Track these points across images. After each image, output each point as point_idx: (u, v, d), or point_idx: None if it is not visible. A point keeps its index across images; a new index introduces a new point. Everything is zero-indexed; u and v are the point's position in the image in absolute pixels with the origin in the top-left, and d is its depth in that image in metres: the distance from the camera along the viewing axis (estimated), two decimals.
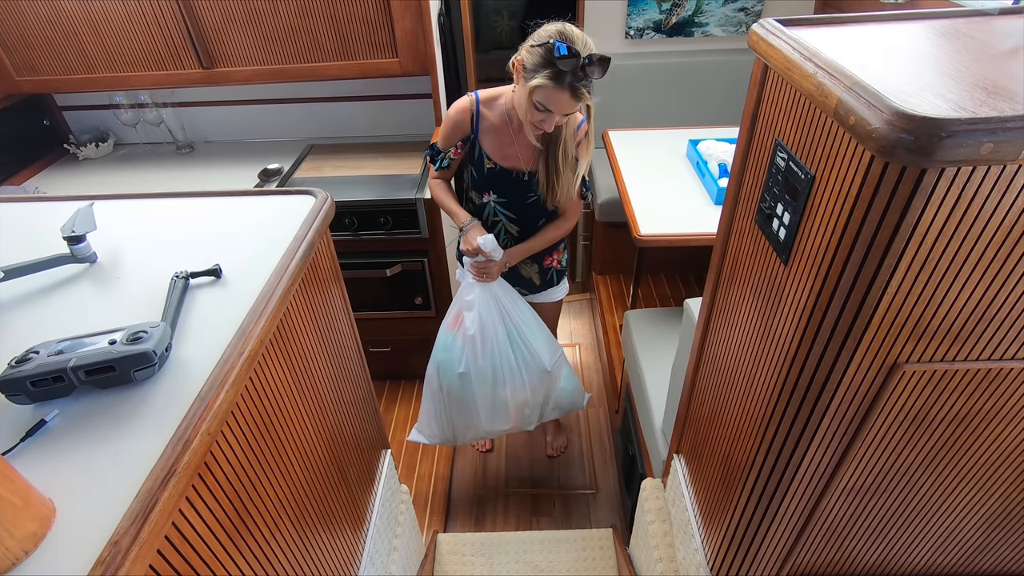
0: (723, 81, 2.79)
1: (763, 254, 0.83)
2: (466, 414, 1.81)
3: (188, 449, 0.57)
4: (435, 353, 1.77)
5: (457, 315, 1.72)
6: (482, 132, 1.53)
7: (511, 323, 1.71)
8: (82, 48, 1.98)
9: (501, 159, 1.54)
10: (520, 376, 1.76)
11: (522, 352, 1.74)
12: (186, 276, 0.79)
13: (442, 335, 1.76)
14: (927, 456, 0.83)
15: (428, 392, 1.84)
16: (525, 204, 1.59)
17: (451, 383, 1.75)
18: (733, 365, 0.97)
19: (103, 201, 0.99)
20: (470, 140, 1.56)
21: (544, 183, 1.52)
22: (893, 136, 0.52)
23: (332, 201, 1.00)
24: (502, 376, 1.74)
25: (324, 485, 0.98)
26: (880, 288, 0.62)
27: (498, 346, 1.70)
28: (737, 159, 0.90)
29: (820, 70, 0.63)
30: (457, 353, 1.71)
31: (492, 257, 1.57)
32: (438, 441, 1.94)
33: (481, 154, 1.55)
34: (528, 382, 1.78)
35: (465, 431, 1.89)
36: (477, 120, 1.53)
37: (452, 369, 1.73)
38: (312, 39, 1.94)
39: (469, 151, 1.58)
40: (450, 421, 1.86)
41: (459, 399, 1.78)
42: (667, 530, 1.39)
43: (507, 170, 1.54)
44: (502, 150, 1.54)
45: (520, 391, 1.79)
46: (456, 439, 1.93)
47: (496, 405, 1.78)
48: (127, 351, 0.62)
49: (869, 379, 0.71)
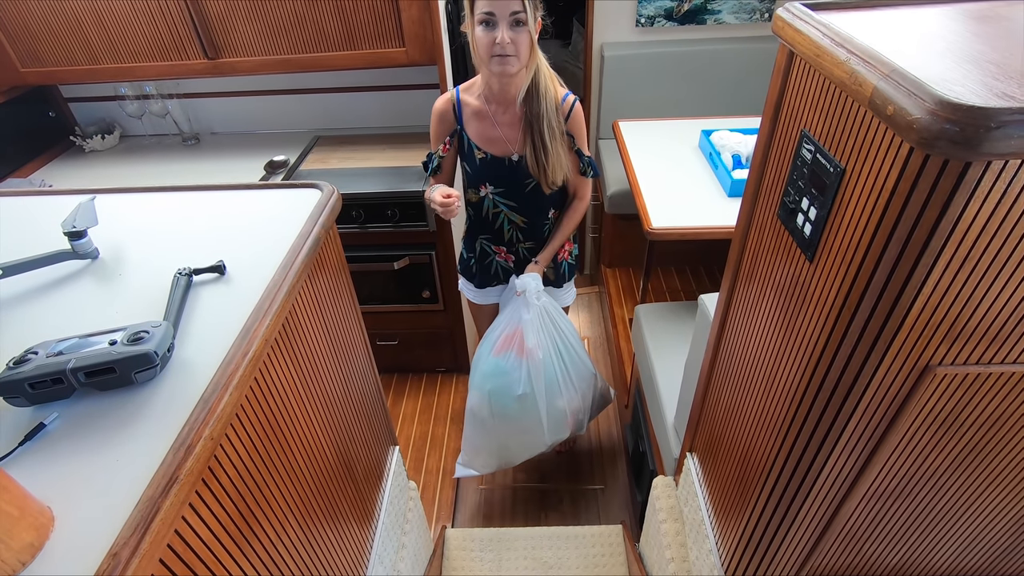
0: (736, 70, 2.73)
1: (786, 250, 0.80)
2: (525, 435, 1.76)
3: (191, 455, 0.55)
4: (481, 383, 1.70)
5: (506, 339, 1.66)
6: (466, 121, 1.51)
7: (559, 332, 1.68)
8: (86, 39, 1.96)
9: (489, 145, 1.51)
10: (572, 384, 1.73)
11: (572, 359, 1.71)
12: (189, 273, 0.77)
13: (488, 363, 1.68)
14: (955, 459, 0.80)
15: (474, 424, 1.77)
16: (524, 192, 1.56)
17: (507, 408, 1.69)
18: (752, 363, 0.94)
19: (105, 195, 0.97)
20: (457, 133, 1.53)
21: (533, 162, 1.48)
22: (936, 127, 0.48)
23: (338, 194, 0.98)
24: (559, 387, 1.70)
25: (332, 484, 0.97)
26: (915, 288, 0.58)
27: (552, 358, 1.67)
28: (758, 151, 0.87)
29: (853, 56, 0.59)
30: (515, 376, 1.65)
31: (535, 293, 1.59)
32: (490, 470, 1.89)
33: (471, 145, 1.52)
34: (579, 388, 1.75)
35: (521, 451, 1.84)
36: (459, 109, 1.51)
37: (509, 394, 1.66)
38: (318, 29, 1.91)
39: (459, 146, 1.55)
40: (503, 446, 1.80)
41: (516, 421, 1.72)
42: (679, 529, 1.37)
43: (498, 158, 1.51)
44: (487, 134, 1.50)
45: (574, 398, 1.76)
46: (511, 462, 1.88)
47: (554, 417, 1.74)
48: (128, 352, 0.60)
49: (899, 382, 0.68)
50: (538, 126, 1.44)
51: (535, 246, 1.68)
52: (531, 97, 1.43)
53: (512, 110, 1.47)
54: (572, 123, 1.50)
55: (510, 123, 1.48)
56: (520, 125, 1.47)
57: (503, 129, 1.49)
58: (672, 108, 2.77)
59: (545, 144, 1.45)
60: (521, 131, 1.48)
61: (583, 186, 1.63)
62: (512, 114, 1.47)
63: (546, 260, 1.66)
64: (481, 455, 1.84)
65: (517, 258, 1.70)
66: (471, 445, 1.83)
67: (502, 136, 1.50)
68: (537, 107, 1.43)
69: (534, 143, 1.46)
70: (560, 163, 1.49)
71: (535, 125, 1.44)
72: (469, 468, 1.89)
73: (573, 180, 1.59)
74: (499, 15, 1.27)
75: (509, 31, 1.28)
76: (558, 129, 1.47)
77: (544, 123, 1.44)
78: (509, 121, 1.48)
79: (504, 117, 1.48)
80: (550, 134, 1.45)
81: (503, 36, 1.28)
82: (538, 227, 1.64)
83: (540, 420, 1.71)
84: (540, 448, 1.82)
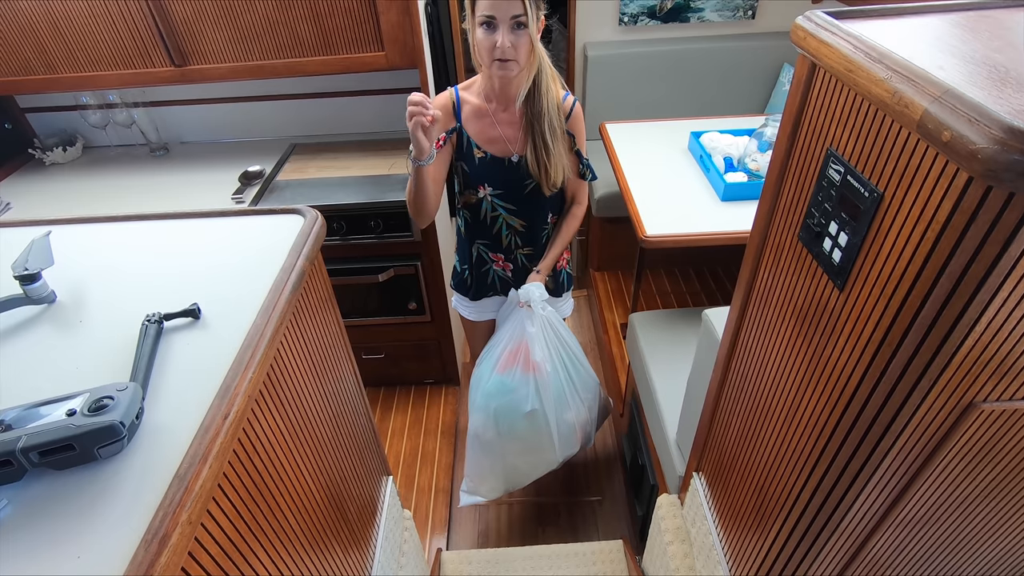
0: (721, 69, 2.70)
1: (809, 275, 0.75)
2: (534, 453, 1.69)
3: (166, 547, 0.48)
4: (485, 403, 1.61)
5: (510, 355, 1.59)
6: (465, 120, 1.45)
7: (563, 343, 1.62)
8: (41, 47, 1.84)
9: (488, 144, 1.46)
10: (578, 396, 1.66)
11: (578, 370, 1.65)
12: (159, 319, 0.69)
13: (492, 381, 1.60)
14: (988, 488, 0.76)
15: (478, 447, 1.69)
16: (523, 194, 1.50)
17: (515, 427, 1.62)
18: (769, 390, 0.89)
19: (62, 227, 0.88)
20: (456, 131, 1.46)
21: (534, 163, 1.43)
22: (1003, 158, 0.43)
23: (323, 220, 0.90)
24: (567, 401, 1.64)
25: (324, 533, 0.89)
26: (968, 325, 0.53)
27: (559, 371, 1.60)
28: (774, 166, 0.82)
29: (895, 74, 0.54)
30: (522, 393, 1.57)
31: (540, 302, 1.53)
32: (498, 495, 1.81)
33: (470, 144, 1.46)
34: (585, 400, 1.69)
35: (531, 471, 1.76)
36: (459, 108, 1.45)
37: (517, 411, 1.58)
38: (292, 33, 1.81)
39: (458, 145, 1.48)
40: (511, 467, 1.73)
41: (525, 440, 1.65)
42: (687, 551, 1.32)
43: (498, 158, 1.46)
44: (487, 133, 1.45)
45: (582, 411, 1.69)
46: (519, 484, 1.80)
47: (563, 432, 1.67)
48: (89, 424, 0.52)
49: (940, 419, 0.63)
50: (539, 126, 1.40)
51: (533, 253, 1.62)
52: (532, 97, 1.39)
53: (512, 109, 1.43)
54: (573, 123, 1.47)
55: (510, 122, 1.44)
56: (520, 124, 1.43)
57: (503, 128, 1.45)
58: (657, 108, 2.73)
59: (547, 144, 1.41)
60: (522, 131, 1.44)
61: (581, 190, 1.59)
62: (512, 113, 1.43)
63: (547, 268, 1.60)
64: (488, 480, 1.75)
65: (515, 266, 1.64)
66: (476, 471, 1.74)
67: (502, 135, 1.45)
68: (538, 106, 1.39)
69: (535, 143, 1.42)
70: (561, 163, 1.45)
71: (536, 125, 1.40)
72: (475, 495, 1.80)
73: (572, 184, 1.55)
74: (500, 18, 1.23)
75: (510, 34, 1.24)
76: (560, 128, 1.43)
77: (545, 123, 1.40)
78: (509, 120, 1.44)
79: (504, 116, 1.44)
80: (551, 134, 1.41)
81: (503, 40, 1.24)
82: (537, 232, 1.58)
83: (551, 436, 1.63)
84: (551, 466, 1.75)
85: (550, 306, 1.59)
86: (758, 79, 2.72)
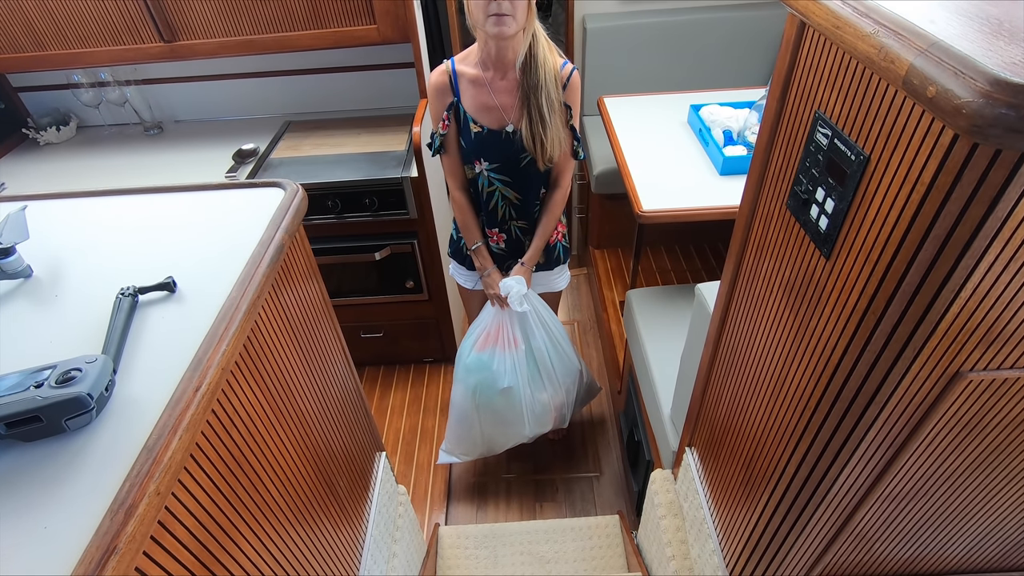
0: (723, 40, 2.63)
1: (797, 244, 0.73)
2: (507, 426, 1.80)
3: (133, 516, 0.47)
4: (465, 377, 1.73)
5: (488, 336, 1.69)
6: (462, 91, 1.43)
7: (544, 326, 1.70)
8: (28, 23, 1.81)
9: (484, 115, 1.44)
10: (556, 379, 1.76)
11: (560, 356, 1.74)
12: (134, 292, 0.68)
13: (470, 358, 1.71)
14: (976, 460, 0.75)
15: (458, 415, 1.81)
16: (519, 167, 1.49)
17: (491, 401, 1.73)
18: (758, 362, 0.88)
19: (38, 202, 0.87)
20: (454, 105, 1.44)
21: (529, 136, 1.41)
22: (990, 112, 0.41)
23: (304, 193, 0.89)
24: (542, 382, 1.74)
25: (312, 508, 0.90)
26: (953, 291, 0.52)
27: (536, 353, 1.70)
28: (763, 133, 0.79)
29: (882, 28, 0.51)
30: (498, 370, 1.68)
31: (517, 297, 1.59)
32: (472, 457, 1.95)
33: (467, 118, 1.44)
34: (563, 383, 1.79)
35: (503, 441, 1.88)
36: (455, 80, 1.43)
37: (493, 387, 1.70)
38: (282, 6, 1.78)
39: (456, 119, 1.46)
40: (486, 436, 1.85)
41: (499, 414, 1.77)
42: (679, 525, 1.32)
43: (494, 131, 1.44)
44: (483, 102, 1.43)
45: (558, 393, 1.80)
46: (493, 451, 1.93)
47: (536, 411, 1.78)
48: (56, 396, 0.52)
49: (926, 389, 0.62)
50: (536, 99, 1.37)
51: (527, 226, 1.62)
52: (529, 67, 1.36)
53: (510, 75, 1.40)
54: (569, 93, 1.44)
55: (507, 90, 1.41)
56: (517, 93, 1.41)
57: (499, 96, 1.42)
58: (658, 81, 2.67)
59: (543, 117, 1.39)
60: (518, 101, 1.41)
61: (567, 171, 1.57)
62: (510, 80, 1.41)
63: (532, 259, 1.63)
64: (463, 444, 1.88)
65: (509, 237, 1.63)
66: (454, 434, 1.87)
67: (498, 104, 1.43)
68: (535, 77, 1.36)
69: (531, 116, 1.39)
70: (558, 137, 1.43)
71: (532, 98, 1.38)
72: (452, 456, 1.93)
73: (561, 161, 1.52)
74: None
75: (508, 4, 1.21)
76: (557, 101, 1.41)
77: (543, 95, 1.37)
78: (506, 88, 1.41)
79: (502, 84, 1.41)
80: (548, 106, 1.38)
81: (502, 1, 1.21)
82: (531, 205, 1.58)
83: (522, 413, 1.74)
84: (521, 439, 1.87)
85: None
86: (760, 50, 2.66)
